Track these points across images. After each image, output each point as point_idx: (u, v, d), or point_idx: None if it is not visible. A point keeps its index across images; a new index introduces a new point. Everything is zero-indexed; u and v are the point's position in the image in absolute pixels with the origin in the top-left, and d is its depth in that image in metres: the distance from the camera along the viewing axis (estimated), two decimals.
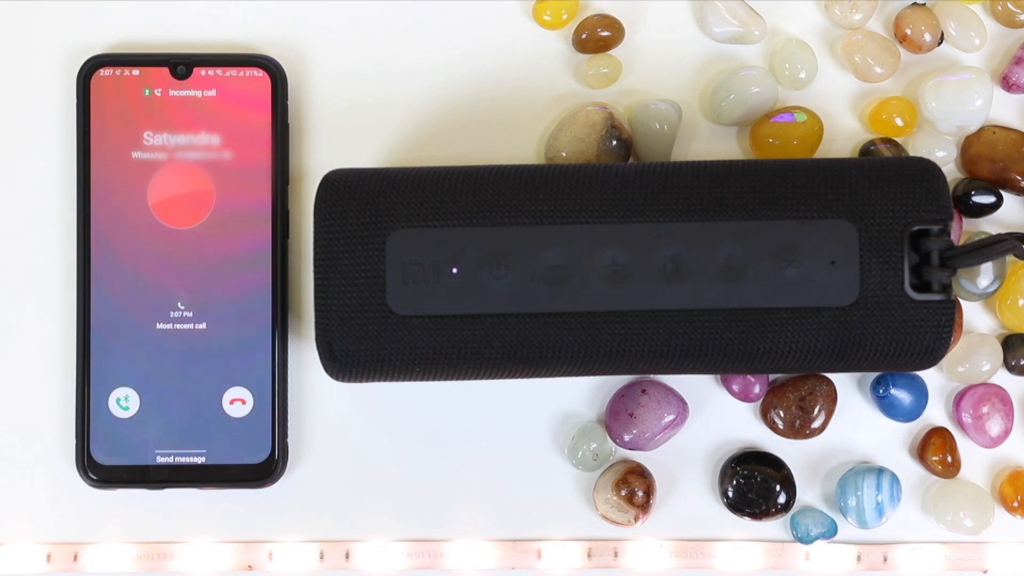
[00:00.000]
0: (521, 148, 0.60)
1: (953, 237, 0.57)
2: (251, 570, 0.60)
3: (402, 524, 0.60)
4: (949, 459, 0.60)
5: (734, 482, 0.59)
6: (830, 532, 0.59)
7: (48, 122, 0.60)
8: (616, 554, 0.60)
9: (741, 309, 0.53)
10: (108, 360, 0.58)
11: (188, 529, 0.60)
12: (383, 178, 0.54)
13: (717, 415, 0.60)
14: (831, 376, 0.60)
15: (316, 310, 0.54)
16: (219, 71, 0.59)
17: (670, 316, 0.54)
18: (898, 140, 0.60)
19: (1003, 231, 0.60)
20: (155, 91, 0.59)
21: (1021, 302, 0.59)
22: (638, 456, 0.60)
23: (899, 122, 0.60)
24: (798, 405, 0.59)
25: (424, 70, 0.60)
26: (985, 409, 0.60)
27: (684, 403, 0.59)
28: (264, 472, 0.59)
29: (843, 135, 0.61)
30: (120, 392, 0.59)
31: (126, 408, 0.59)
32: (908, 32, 0.60)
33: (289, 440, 0.59)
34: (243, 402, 0.59)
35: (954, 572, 0.60)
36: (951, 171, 0.61)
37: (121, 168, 0.59)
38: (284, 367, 0.59)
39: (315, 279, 0.54)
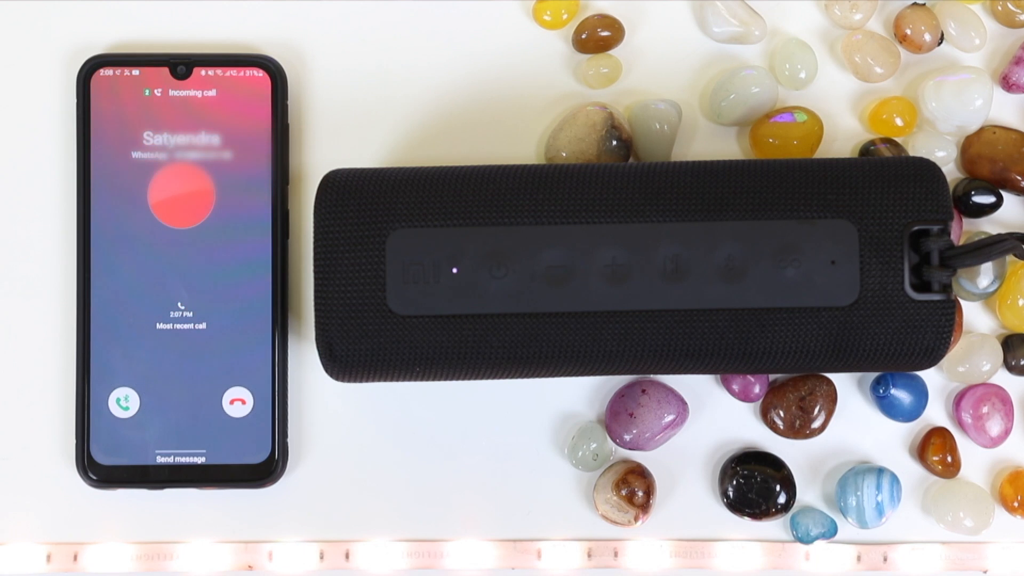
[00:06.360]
0: (521, 148, 0.60)
1: (953, 237, 0.57)
2: (251, 570, 0.60)
3: (402, 524, 0.60)
4: (949, 459, 0.60)
5: (734, 482, 0.59)
6: (830, 532, 0.59)
7: (48, 122, 0.60)
8: (616, 554, 0.60)
9: (741, 309, 0.53)
10: (108, 360, 0.58)
11: (188, 529, 0.60)
12: (383, 178, 0.54)
13: (717, 415, 0.60)
14: (831, 376, 0.60)
15: (316, 310, 0.54)
16: (219, 71, 0.59)
17: (670, 316, 0.54)
18: (898, 140, 0.60)
19: (1003, 231, 0.60)
20: (155, 91, 0.59)
21: (1021, 302, 0.59)
22: (638, 456, 0.60)
23: (899, 122, 0.60)
24: (798, 405, 0.59)
25: (424, 70, 0.60)
26: (985, 409, 0.60)
27: (684, 403, 0.59)
28: (264, 472, 0.59)
29: (843, 135, 0.61)
30: (120, 392, 0.59)
31: (126, 408, 0.59)
32: (908, 32, 0.60)
33: (289, 440, 0.59)
34: (243, 402, 0.59)
35: (954, 572, 0.60)
36: (951, 171, 0.61)
37: (121, 168, 0.59)
38: (284, 367, 0.59)
39: (315, 279, 0.54)
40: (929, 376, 0.60)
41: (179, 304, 0.59)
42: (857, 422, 0.60)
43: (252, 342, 0.59)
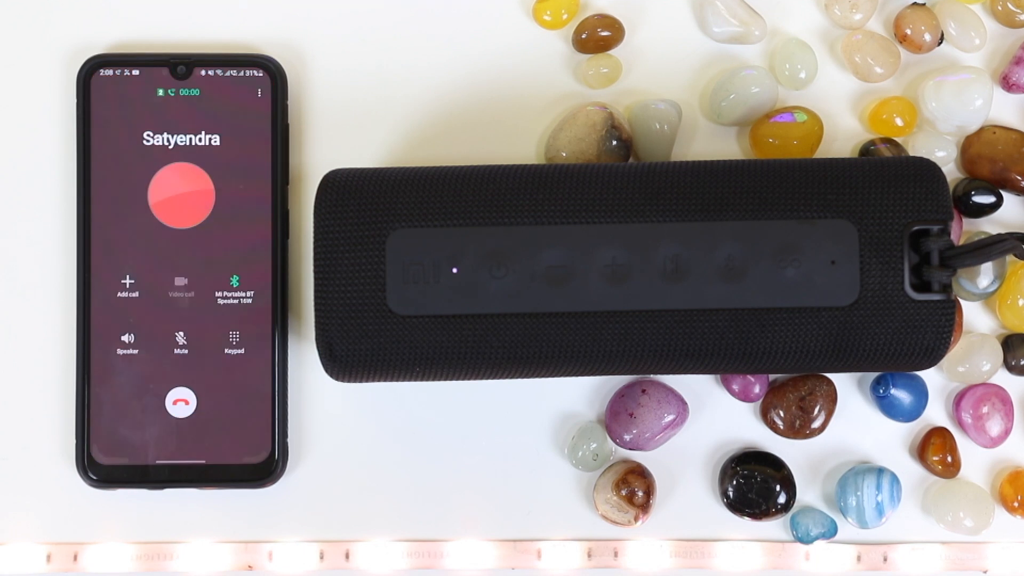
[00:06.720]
0: (521, 148, 0.60)
1: (953, 237, 0.57)
2: (251, 570, 0.60)
3: (402, 524, 0.60)
4: (949, 459, 0.60)
5: (734, 482, 0.59)
6: (830, 532, 0.59)
7: (48, 122, 0.60)
8: (616, 554, 0.60)
9: (741, 309, 0.53)
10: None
11: (188, 529, 0.60)
12: (383, 178, 0.54)
13: (717, 415, 0.60)
14: (831, 376, 0.60)
15: (316, 310, 0.54)
16: (219, 71, 0.59)
17: (670, 316, 0.54)
18: (898, 140, 0.60)
19: (1003, 231, 0.60)
20: (155, 91, 0.59)
21: (1021, 302, 0.59)
22: (638, 456, 0.60)
23: (899, 122, 0.60)
24: (798, 405, 0.59)
25: (424, 70, 0.60)
26: (985, 409, 0.60)
27: (684, 403, 0.59)
28: (264, 472, 0.58)
29: (843, 135, 0.61)
30: None
31: None
32: (908, 32, 0.60)
33: (289, 440, 0.59)
34: None
35: (954, 572, 0.60)
36: (951, 171, 0.61)
37: (121, 168, 0.59)
38: (284, 367, 0.59)
39: (315, 279, 0.54)
40: (929, 376, 0.60)
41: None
42: (857, 422, 0.60)
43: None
